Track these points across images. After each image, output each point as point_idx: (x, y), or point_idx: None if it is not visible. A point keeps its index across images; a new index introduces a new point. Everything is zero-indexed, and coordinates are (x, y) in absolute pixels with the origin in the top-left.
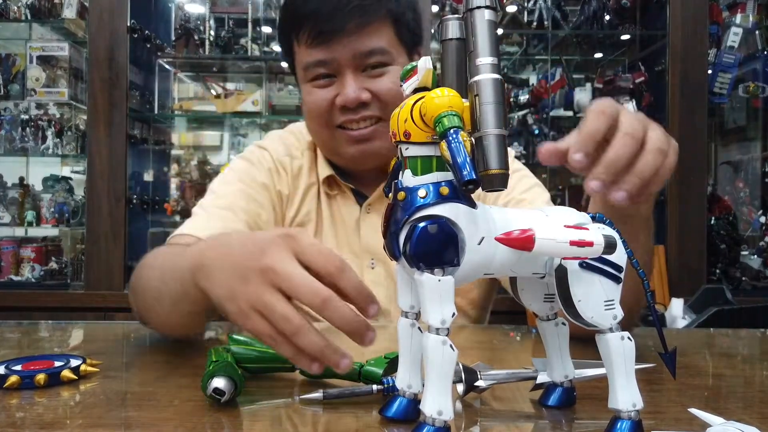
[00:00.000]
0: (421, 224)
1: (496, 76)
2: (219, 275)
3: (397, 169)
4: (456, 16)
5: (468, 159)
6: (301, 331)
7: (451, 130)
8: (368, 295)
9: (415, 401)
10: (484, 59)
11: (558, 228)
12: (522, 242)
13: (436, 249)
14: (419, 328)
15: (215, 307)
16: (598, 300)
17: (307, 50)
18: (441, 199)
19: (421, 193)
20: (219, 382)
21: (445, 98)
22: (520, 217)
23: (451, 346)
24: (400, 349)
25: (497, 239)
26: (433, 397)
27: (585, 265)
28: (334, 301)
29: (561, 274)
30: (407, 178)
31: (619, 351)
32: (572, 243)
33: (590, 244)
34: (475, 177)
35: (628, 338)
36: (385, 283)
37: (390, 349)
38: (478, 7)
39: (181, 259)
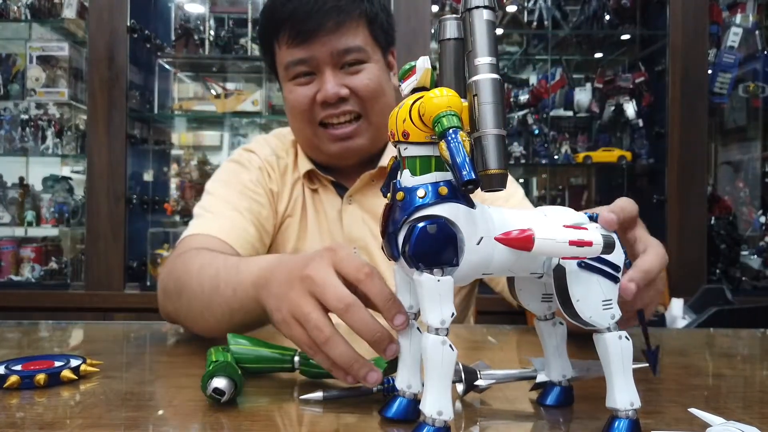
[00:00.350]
0: (420, 224)
1: (495, 75)
2: (273, 286)
3: (395, 169)
4: (454, 15)
5: (467, 159)
6: (330, 341)
7: (450, 130)
8: (394, 304)
9: (415, 401)
10: (483, 59)
11: (557, 228)
12: (521, 242)
13: (435, 249)
14: (418, 328)
15: (266, 321)
16: (596, 300)
17: (287, 50)
18: (440, 199)
19: (420, 193)
20: (219, 382)
21: (444, 98)
22: (518, 217)
23: (450, 346)
24: (404, 351)
25: (497, 239)
26: (433, 397)
27: (583, 265)
28: (356, 308)
29: (559, 273)
30: (406, 178)
31: (617, 350)
32: (571, 243)
33: (589, 243)
34: (474, 177)
35: (626, 337)
36: (361, 218)
37: None
38: (477, 7)
39: (241, 273)
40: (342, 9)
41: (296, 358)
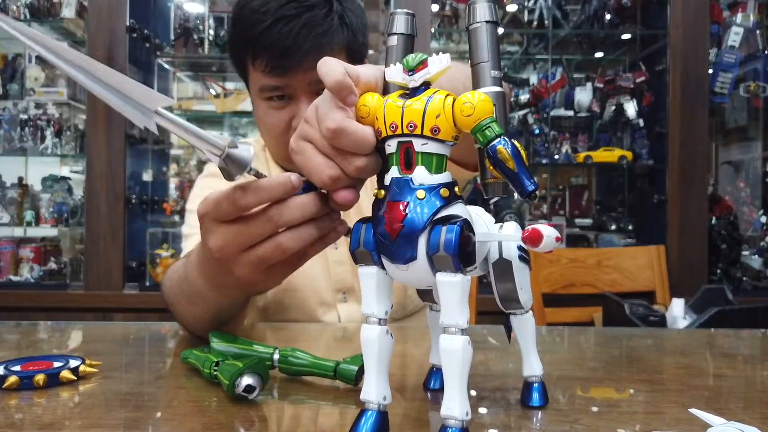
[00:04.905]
0: (457, 224)
1: (499, 89)
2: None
3: (384, 167)
4: (405, 11)
5: (527, 168)
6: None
7: (504, 137)
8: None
9: (385, 414)
10: (489, 72)
11: (544, 226)
12: (533, 240)
13: (471, 249)
14: (390, 333)
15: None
16: (529, 286)
17: (262, 75)
18: (453, 199)
19: (444, 192)
20: (251, 380)
21: (490, 102)
22: (487, 216)
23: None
24: (373, 360)
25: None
26: (463, 399)
27: (521, 258)
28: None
29: (504, 266)
30: (423, 176)
31: (533, 324)
32: (557, 239)
33: (559, 238)
34: (536, 186)
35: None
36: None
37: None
38: (485, 22)
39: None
40: (323, 47)
41: (275, 356)
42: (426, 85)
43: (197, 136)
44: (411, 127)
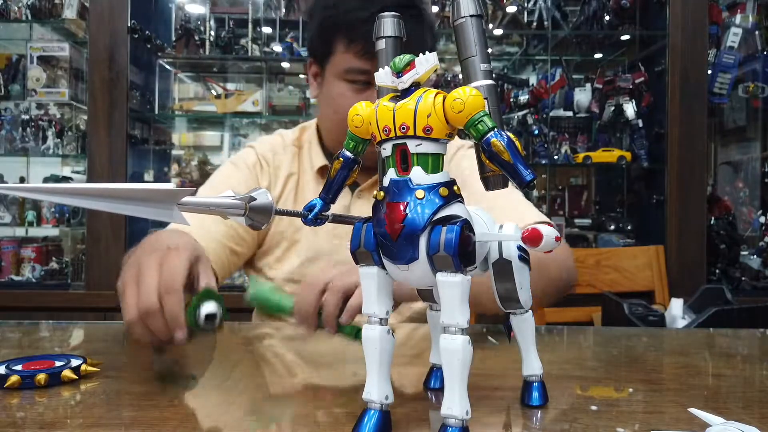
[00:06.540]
0: (457, 224)
1: (490, 81)
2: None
3: (383, 167)
4: (392, 14)
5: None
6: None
7: (496, 130)
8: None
9: (388, 413)
10: (481, 66)
11: (545, 226)
12: (533, 240)
13: (472, 249)
14: (391, 332)
15: None
16: (528, 285)
17: (353, 57)
18: (452, 198)
19: (443, 191)
20: (209, 307)
21: (480, 97)
22: (487, 216)
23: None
24: (374, 359)
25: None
26: (462, 398)
27: (521, 258)
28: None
29: (504, 266)
30: (420, 176)
31: (533, 324)
32: (557, 239)
33: (559, 238)
34: (534, 176)
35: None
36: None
37: None
38: (469, 16)
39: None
40: (410, 42)
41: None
42: (415, 85)
43: (219, 207)
44: (403, 128)
